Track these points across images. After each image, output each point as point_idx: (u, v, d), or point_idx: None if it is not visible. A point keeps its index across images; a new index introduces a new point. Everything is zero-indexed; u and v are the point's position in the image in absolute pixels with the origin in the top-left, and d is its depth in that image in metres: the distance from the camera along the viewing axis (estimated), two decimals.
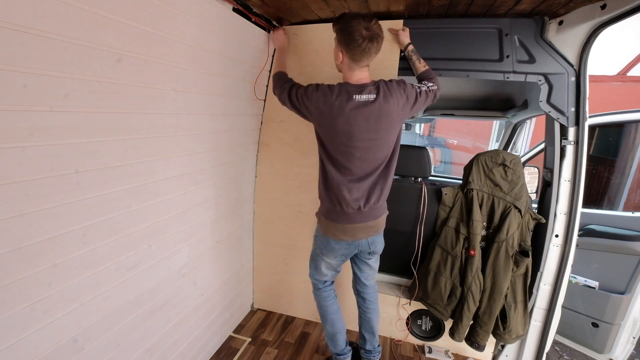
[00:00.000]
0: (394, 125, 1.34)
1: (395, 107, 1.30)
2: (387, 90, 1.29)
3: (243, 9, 1.46)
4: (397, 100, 1.30)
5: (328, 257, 1.54)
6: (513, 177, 1.67)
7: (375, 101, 1.26)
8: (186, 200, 1.47)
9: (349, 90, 1.27)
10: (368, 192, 1.40)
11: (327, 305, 1.67)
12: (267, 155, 2.05)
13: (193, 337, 1.67)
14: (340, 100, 1.26)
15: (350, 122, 1.27)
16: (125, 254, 1.17)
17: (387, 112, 1.29)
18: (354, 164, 1.35)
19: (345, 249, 1.50)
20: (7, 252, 0.81)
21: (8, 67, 0.74)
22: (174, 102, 1.27)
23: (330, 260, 1.56)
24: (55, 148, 0.88)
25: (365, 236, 1.48)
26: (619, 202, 2.37)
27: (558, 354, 2.39)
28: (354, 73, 1.32)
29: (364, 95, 1.27)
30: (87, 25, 0.87)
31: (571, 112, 1.51)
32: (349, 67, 1.31)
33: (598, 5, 1.27)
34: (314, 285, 1.69)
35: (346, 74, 1.34)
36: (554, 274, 1.65)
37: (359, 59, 1.27)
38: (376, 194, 1.41)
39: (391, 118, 1.31)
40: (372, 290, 1.69)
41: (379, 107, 1.27)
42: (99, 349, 1.12)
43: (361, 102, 1.26)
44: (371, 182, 1.40)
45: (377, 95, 1.27)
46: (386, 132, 1.32)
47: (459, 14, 1.56)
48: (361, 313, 1.72)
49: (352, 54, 1.27)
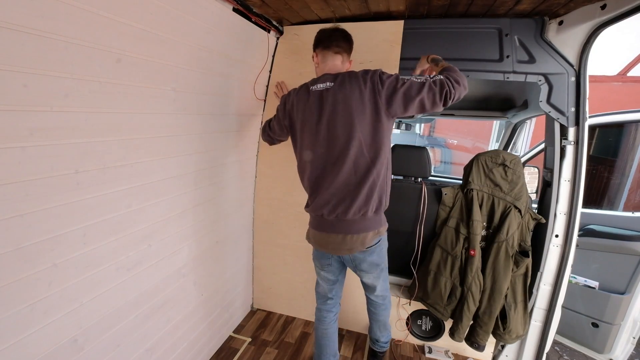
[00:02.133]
0: (357, 117, 1.19)
1: (353, 95, 1.18)
2: (348, 78, 1.22)
3: (243, 9, 1.46)
4: (358, 88, 1.18)
5: (316, 265, 1.52)
6: (513, 177, 1.67)
7: (329, 89, 1.25)
8: (186, 200, 1.47)
9: (307, 85, 1.32)
10: (332, 198, 1.27)
11: (321, 330, 1.58)
12: (267, 155, 2.05)
13: (193, 337, 1.67)
14: (300, 95, 1.32)
15: (306, 112, 1.29)
16: (125, 254, 1.17)
17: (344, 100, 1.19)
18: (317, 163, 1.30)
19: (327, 258, 1.45)
20: (7, 252, 0.81)
21: (8, 67, 0.74)
22: (174, 102, 1.27)
23: (318, 269, 1.53)
24: (55, 148, 0.88)
25: (337, 252, 1.35)
26: (619, 202, 2.37)
27: (558, 354, 2.38)
28: (326, 65, 1.34)
29: (319, 84, 1.28)
30: (87, 25, 0.87)
31: (571, 112, 1.51)
32: (323, 60, 1.35)
33: (598, 6, 1.27)
34: (316, 301, 1.63)
35: (319, 72, 1.38)
36: (554, 274, 1.65)
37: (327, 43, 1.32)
38: (345, 204, 1.26)
39: (349, 107, 1.18)
40: (375, 303, 1.62)
41: (333, 95, 1.22)
42: (99, 349, 1.12)
43: (317, 91, 1.27)
44: (338, 186, 1.26)
45: (333, 83, 1.25)
46: (348, 124, 1.20)
47: (459, 14, 1.57)
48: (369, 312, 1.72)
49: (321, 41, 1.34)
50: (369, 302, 1.65)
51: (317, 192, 1.33)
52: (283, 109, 1.41)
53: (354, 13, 1.64)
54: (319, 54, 1.36)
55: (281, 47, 1.87)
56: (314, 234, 1.41)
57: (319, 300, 1.61)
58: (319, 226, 1.37)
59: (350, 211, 1.26)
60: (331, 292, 1.56)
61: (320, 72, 1.37)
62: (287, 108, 1.39)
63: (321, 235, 1.37)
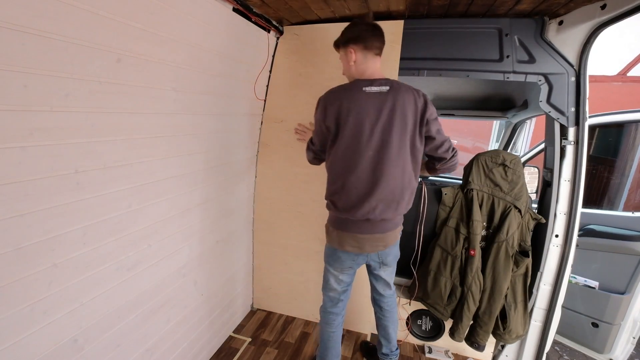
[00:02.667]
0: (410, 125, 1.26)
1: (410, 103, 1.24)
2: (402, 87, 1.26)
3: (243, 9, 1.46)
4: (414, 99, 1.25)
5: (335, 268, 1.49)
6: (513, 177, 1.67)
7: (387, 93, 1.24)
8: (186, 200, 1.47)
9: (358, 84, 1.26)
10: (379, 204, 1.30)
11: (329, 333, 1.57)
12: (267, 155, 2.04)
13: (193, 337, 1.67)
14: (352, 94, 1.25)
15: (361, 113, 1.24)
16: (125, 254, 1.17)
17: (402, 106, 1.24)
18: (365, 166, 1.27)
19: (352, 260, 1.44)
20: (7, 252, 0.81)
21: (8, 67, 0.74)
22: (174, 102, 1.27)
23: (337, 273, 1.49)
24: (55, 148, 0.88)
25: (373, 250, 1.41)
26: (619, 202, 2.37)
27: (558, 354, 2.38)
28: (369, 66, 1.29)
29: (374, 86, 1.25)
30: (87, 25, 0.87)
31: (571, 112, 1.51)
32: (364, 60, 1.29)
33: (598, 5, 1.27)
34: (323, 303, 1.60)
35: (359, 72, 1.31)
36: (554, 274, 1.65)
37: (369, 43, 1.26)
38: (392, 208, 1.32)
39: (405, 114, 1.24)
40: (389, 299, 1.63)
41: (392, 99, 1.23)
42: (99, 349, 1.12)
43: (373, 93, 1.24)
44: (388, 192, 1.29)
45: (389, 87, 1.25)
46: (402, 131, 1.25)
47: (459, 14, 1.57)
48: (378, 320, 1.69)
49: (365, 39, 1.27)
50: (384, 302, 1.62)
51: (365, 198, 1.28)
52: (324, 110, 1.30)
53: (354, 13, 1.64)
54: (358, 51, 1.28)
55: (281, 47, 1.87)
56: (350, 237, 1.37)
57: (329, 303, 1.57)
58: (359, 229, 1.35)
59: (395, 213, 1.35)
60: (343, 295, 1.56)
61: (358, 72, 1.31)
62: (330, 107, 1.28)
63: (361, 237, 1.36)
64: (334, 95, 1.30)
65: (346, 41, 1.31)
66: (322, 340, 1.60)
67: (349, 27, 1.32)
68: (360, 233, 1.36)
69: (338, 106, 1.27)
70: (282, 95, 1.94)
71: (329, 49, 1.78)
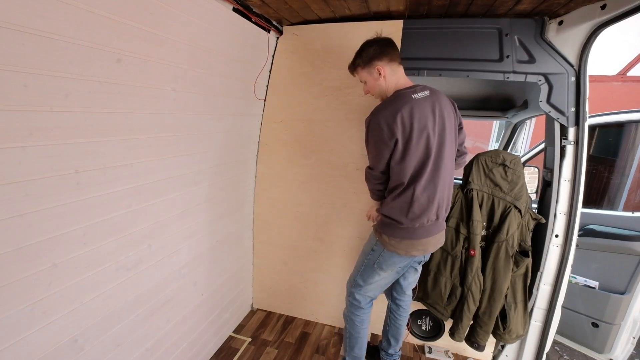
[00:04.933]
0: (454, 123, 1.35)
1: (448, 107, 1.33)
2: (436, 91, 1.32)
3: (243, 9, 1.46)
4: (450, 103, 1.35)
5: (393, 270, 1.46)
6: (513, 177, 1.67)
7: (431, 96, 1.29)
8: (186, 200, 1.47)
9: (405, 94, 1.28)
10: (442, 202, 1.36)
11: (365, 328, 1.59)
12: (267, 155, 2.04)
13: (193, 337, 1.67)
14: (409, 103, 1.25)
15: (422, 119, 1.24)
16: (125, 254, 1.17)
17: (446, 108, 1.31)
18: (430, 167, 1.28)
19: (407, 262, 1.45)
20: (7, 252, 0.81)
21: (8, 67, 0.74)
22: (174, 102, 1.27)
23: (393, 275, 1.49)
24: (55, 148, 0.88)
25: (434, 249, 1.44)
26: (619, 202, 2.37)
27: (558, 354, 2.38)
28: (399, 76, 1.34)
29: (419, 93, 1.28)
30: (87, 25, 0.87)
31: (571, 112, 1.51)
32: (393, 72, 1.33)
33: (598, 5, 1.27)
34: (355, 303, 1.55)
35: (392, 84, 1.33)
36: (554, 274, 1.65)
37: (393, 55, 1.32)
38: (446, 205, 1.38)
39: (450, 117, 1.32)
40: (409, 300, 1.68)
41: (438, 103, 1.29)
42: (99, 349, 1.12)
43: (421, 99, 1.27)
44: (443, 192, 1.34)
45: (428, 92, 1.29)
46: (451, 132, 1.32)
47: (459, 14, 1.56)
48: (392, 319, 1.70)
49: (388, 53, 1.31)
50: (404, 302, 1.66)
51: (432, 200, 1.30)
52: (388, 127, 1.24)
53: (353, 13, 1.64)
54: (386, 66, 1.31)
55: (281, 47, 1.87)
56: (418, 243, 1.35)
57: (366, 304, 1.56)
58: (428, 233, 1.36)
59: (447, 209, 1.42)
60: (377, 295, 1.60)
61: (392, 84, 1.34)
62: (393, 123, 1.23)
63: (427, 240, 1.37)
64: (389, 111, 1.25)
65: (369, 60, 1.33)
66: (360, 337, 1.60)
67: (367, 47, 1.34)
68: (427, 236, 1.36)
69: (400, 118, 1.23)
70: (282, 95, 1.94)
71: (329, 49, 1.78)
